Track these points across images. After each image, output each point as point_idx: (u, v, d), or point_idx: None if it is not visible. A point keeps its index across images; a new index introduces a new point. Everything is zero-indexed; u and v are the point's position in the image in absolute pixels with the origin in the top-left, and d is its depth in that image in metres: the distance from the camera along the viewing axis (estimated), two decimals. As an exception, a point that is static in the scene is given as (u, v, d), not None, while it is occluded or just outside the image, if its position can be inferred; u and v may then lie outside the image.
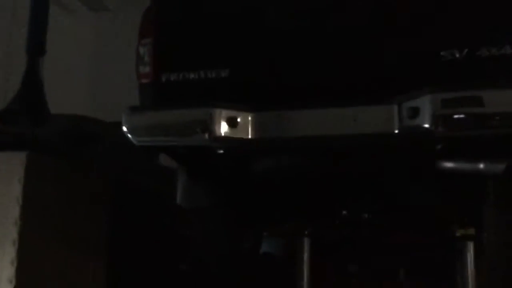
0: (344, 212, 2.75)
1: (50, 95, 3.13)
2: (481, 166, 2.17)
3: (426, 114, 1.97)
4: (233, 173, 2.59)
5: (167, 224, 3.43)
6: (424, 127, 1.98)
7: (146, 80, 2.44)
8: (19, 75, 3.12)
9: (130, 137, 2.34)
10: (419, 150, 2.26)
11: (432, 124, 1.96)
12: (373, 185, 2.54)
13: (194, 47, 2.39)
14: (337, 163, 2.42)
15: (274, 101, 2.21)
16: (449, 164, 2.23)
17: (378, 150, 2.28)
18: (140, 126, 2.33)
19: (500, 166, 2.14)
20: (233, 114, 2.18)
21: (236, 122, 2.17)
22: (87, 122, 3.28)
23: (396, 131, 2.04)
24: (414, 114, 2.01)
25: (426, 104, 1.97)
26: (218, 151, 2.29)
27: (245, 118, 2.18)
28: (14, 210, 2.64)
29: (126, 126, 2.33)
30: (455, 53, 2.07)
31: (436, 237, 2.87)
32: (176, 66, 2.38)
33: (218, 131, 2.16)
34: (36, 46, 3.13)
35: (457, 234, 2.58)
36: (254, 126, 2.18)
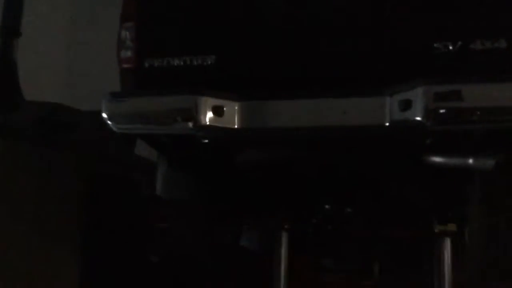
0: (326, 206, 2.70)
1: (25, 82, 3.03)
2: (470, 161, 2.14)
3: (418, 107, 1.92)
4: (215, 164, 2.52)
5: (142, 215, 3.39)
6: (416, 120, 1.94)
7: (128, 65, 2.35)
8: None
9: (110, 124, 2.25)
10: (407, 144, 2.22)
11: (424, 117, 1.92)
12: (357, 178, 2.50)
13: (180, 32, 2.31)
14: (320, 156, 2.37)
15: (262, 90, 2.15)
16: (437, 158, 2.20)
17: (364, 143, 2.23)
18: (121, 113, 2.25)
19: (490, 162, 2.11)
20: (219, 103, 2.11)
21: (222, 111, 2.11)
22: (63, 111, 3.22)
23: (386, 124, 2.00)
24: (405, 106, 1.96)
25: (419, 96, 1.92)
26: (202, 141, 2.21)
27: (231, 107, 2.12)
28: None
29: (106, 113, 2.24)
30: (449, 45, 2.03)
31: (414, 232, 2.85)
32: (160, 52, 2.30)
33: (203, 120, 2.10)
34: (10, 26, 3.01)
35: (435, 230, 2.56)
36: (241, 116, 2.12)
